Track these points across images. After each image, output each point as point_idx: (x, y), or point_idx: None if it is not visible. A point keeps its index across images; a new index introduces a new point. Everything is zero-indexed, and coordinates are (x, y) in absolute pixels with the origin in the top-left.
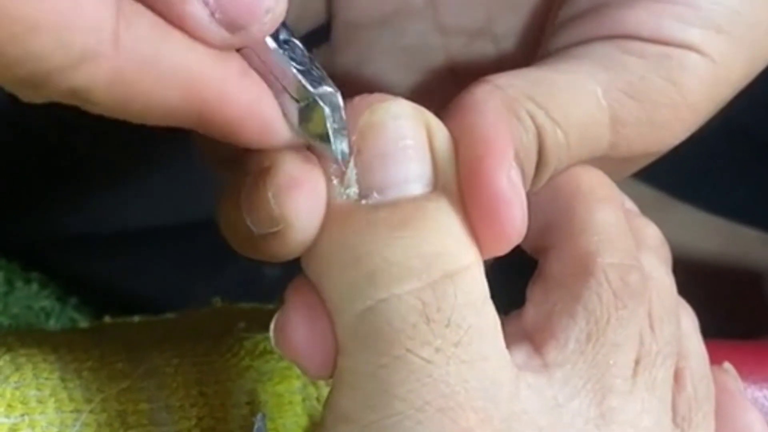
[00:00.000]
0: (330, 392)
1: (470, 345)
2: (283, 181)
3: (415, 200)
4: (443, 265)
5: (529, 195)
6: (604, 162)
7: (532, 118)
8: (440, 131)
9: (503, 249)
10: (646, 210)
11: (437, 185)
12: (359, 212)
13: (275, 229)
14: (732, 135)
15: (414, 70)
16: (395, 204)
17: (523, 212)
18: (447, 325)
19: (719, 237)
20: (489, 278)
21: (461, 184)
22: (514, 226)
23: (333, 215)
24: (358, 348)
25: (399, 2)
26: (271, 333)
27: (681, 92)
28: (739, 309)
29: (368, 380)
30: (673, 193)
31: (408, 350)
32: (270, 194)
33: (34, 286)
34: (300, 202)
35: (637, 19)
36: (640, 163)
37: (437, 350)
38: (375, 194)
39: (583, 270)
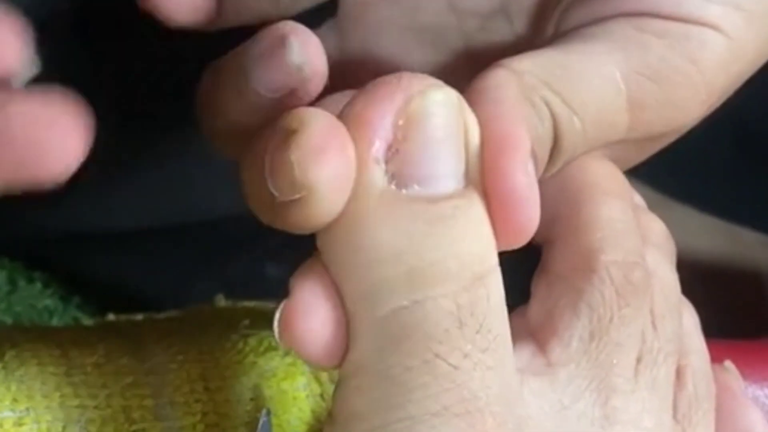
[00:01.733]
0: (339, 387)
1: (497, 351)
2: (309, 146)
3: (451, 197)
4: (474, 266)
5: (540, 183)
6: (622, 145)
7: (548, 105)
8: (475, 126)
9: (518, 243)
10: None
11: (469, 181)
12: (400, 204)
13: (298, 196)
14: (734, 137)
15: (428, 51)
16: (433, 199)
17: (537, 206)
18: (478, 331)
19: (720, 238)
20: None
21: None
22: (531, 221)
23: (370, 202)
24: (381, 348)
25: None
26: (276, 323)
27: (700, 71)
28: (739, 309)
29: (386, 381)
30: (675, 195)
31: (436, 355)
32: (294, 159)
33: (38, 285)
34: (325, 170)
35: None
36: (659, 144)
37: (465, 356)
38: (416, 186)
39: (586, 266)
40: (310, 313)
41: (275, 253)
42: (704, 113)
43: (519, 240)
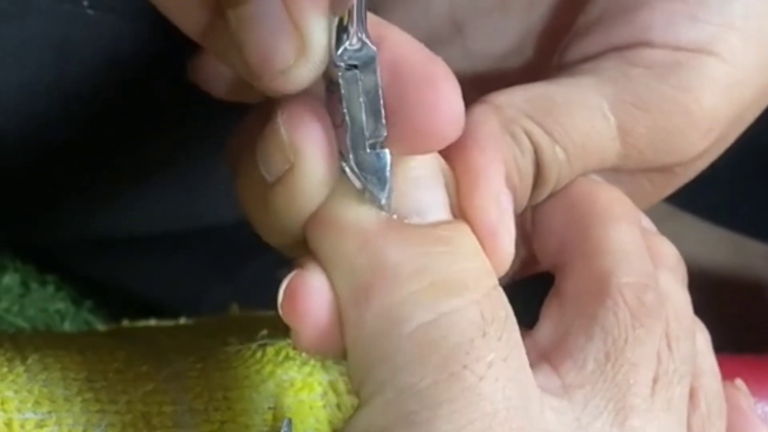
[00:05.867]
0: (360, 409)
1: (515, 361)
2: (294, 111)
3: (447, 222)
4: (487, 277)
5: (541, 212)
6: (627, 177)
7: (529, 135)
8: (446, 165)
9: (498, 271)
10: (653, 220)
11: (454, 213)
12: (408, 229)
13: (287, 167)
14: (743, 148)
15: None
16: (435, 224)
17: (511, 238)
18: (499, 339)
19: (725, 249)
20: None
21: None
22: (504, 251)
23: (381, 230)
24: (407, 364)
25: (426, 33)
26: (281, 294)
27: (695, 98)
28: (744, 321)
29: (412, 397)
30: (681, 204)
31: (464, 366)
32: (280, 121)
33: (50, 289)
34: (310, 132)
35: (649, 21)
36: (675, 177)
37: (490, 365)
38: (415, 216)
39: (599, 290)
40: (316, 293)
41: (287, 258)
42: (707, 140)
43: (498, 268)
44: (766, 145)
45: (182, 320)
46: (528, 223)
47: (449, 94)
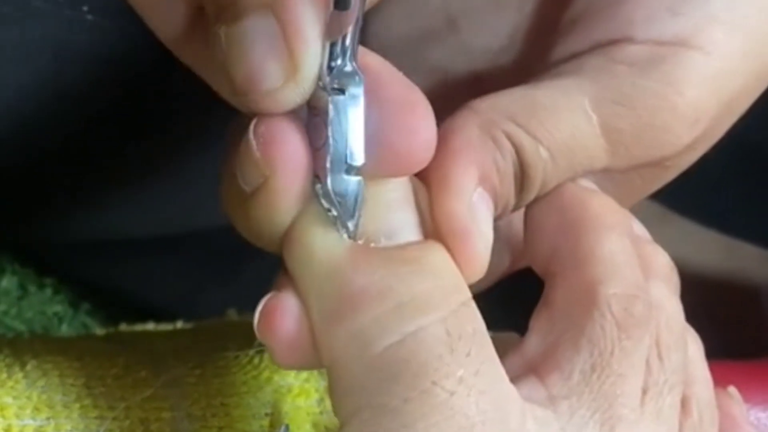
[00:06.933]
0: (341, 427)
1: (487, 374)
2: (267, 127)
3: (417, 242)
4: (455, 294)
5: (532, 217)
6: (620, 175)
7: (510, 137)
8: (418, 182)
9: (473, 277)
10: (645, 223)
11: (426, 230)
12: (374, 252)
13: (262, 180)
14: (734, 150)
15: (438, 87)
16: (403, 246)
17: (485, 242)
18: (468, 354)
19: (718, 252)
20: None
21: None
22: (477, 254)
23: (346, 256)
24: (379, 384)
25: (421, 28)
26: (257, 315)
27: (678, 91)
28: (736, 325)
29: (388, 416)
30: (674, 207)
31: (434, 383)
32: (252, 136)
33: (48, 291)
34: (282, 149)
35: (630, 17)
36: (665, 171)
37: (460, 381)
38: (383, 239)
39: (587, 300)
40: (288, 315)
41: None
42: (693, 133)
43: (472, 273)
44: (755, 144)
45: (179, 324)
46: (515, 229)
47: (427, 120)
